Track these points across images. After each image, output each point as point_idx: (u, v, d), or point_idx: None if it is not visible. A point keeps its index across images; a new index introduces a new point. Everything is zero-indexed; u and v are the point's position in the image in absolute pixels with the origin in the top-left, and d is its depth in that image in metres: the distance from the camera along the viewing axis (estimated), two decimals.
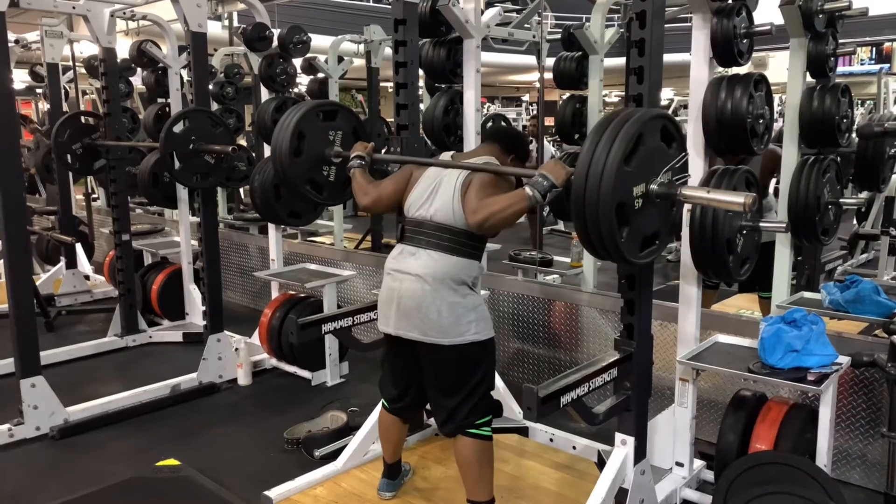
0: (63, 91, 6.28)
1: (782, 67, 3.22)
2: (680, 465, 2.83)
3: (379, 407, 2.81)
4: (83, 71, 6.58)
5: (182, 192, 4.95)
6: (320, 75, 6.55)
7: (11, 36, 5.63)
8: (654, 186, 1.96)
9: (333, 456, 3.07)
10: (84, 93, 8.96)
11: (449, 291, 2.37)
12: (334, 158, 2.88)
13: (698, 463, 2.91)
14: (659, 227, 2.07)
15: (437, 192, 2.46)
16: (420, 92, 4.62)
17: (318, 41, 5.60)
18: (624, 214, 1.90)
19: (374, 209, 2.69)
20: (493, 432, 2.52)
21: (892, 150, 3.54)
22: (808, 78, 3.18)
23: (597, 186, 1.83)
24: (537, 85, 5.73)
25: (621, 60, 2.36)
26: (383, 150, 3.21)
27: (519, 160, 2.66)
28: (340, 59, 6.30)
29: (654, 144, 2.00)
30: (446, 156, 2.66)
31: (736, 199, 1.88)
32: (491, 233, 2.42)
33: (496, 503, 2.51)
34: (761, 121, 2.58)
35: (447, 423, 2.49)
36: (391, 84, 3.17)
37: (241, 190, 7.38)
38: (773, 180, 4.08)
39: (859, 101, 11.27)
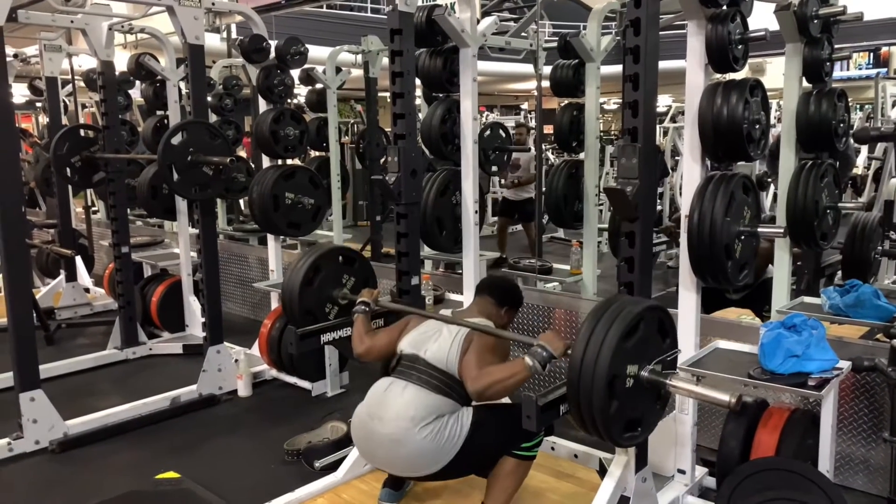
0: (62, 104, 6.30)
1: (780, 73, 3.23)
2: (682, 472, 2.82)
3: None
4: (82, 84, 6.59)
5: (181, 204, 4.95)
6: (318, 86, 6.56)
7: (10, 50, 5.67)
8: (644, 373, 2.03)
9: (334, 467, 3.06)
10: (83, 106, 8.99)
11: (427, 427, 2.37)
12: (341, 300, 3.07)
13: (700, 470, 2.89)
14: (642, 415, 2.11)
15: (436, 338, 2.55)
16: (418, 102, 4.63)
17: (316, 52, 5.61)
18: (615, 389, 1.96)
19: (365, 357, 2.79)
20: None
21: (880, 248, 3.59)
22: (806, 83, 3.19)
23: (595, 356, 1.93)
24: (535, 93, 5.75)
25: (618, 68, 2.37)
26: (385, 160, 3.22)
27: (512, 309, 2.83)
28: (338, 70, 6.31)
29: (651, 333, 2.09)
30: (447, 312, 2.83)
31: (722, 397, 1.93)
32: (489, 400, 2.46)
33: None
34: (757, 126, 2.58)
35: (488, 473, 2.52)
36: (389, 94, 3.18)
37: (241, 201, 7.39)
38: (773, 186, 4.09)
39: (857, 106, 11.30)
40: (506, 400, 2.68)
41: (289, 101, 4.68)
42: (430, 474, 2.47)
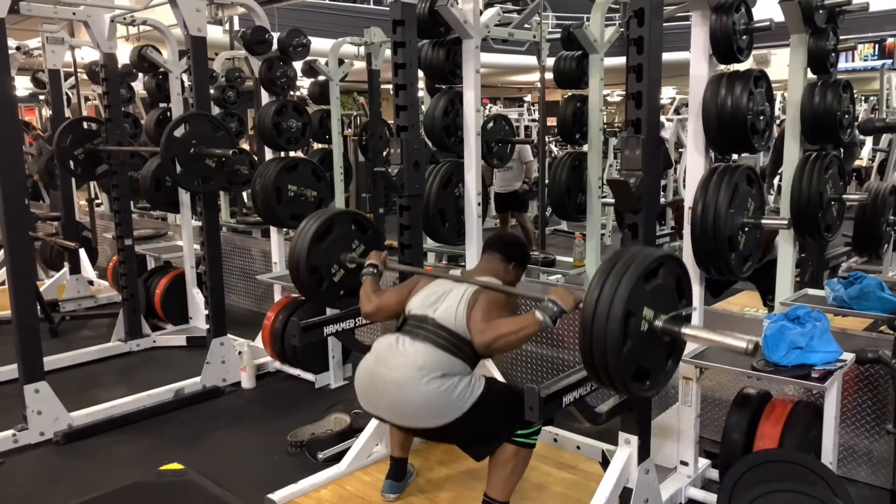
0: (65, 97, 6.30)
1: (784, 64, 3.21)
2: (684, 463, 2.82)
3: None
4: (85, 77, 6.59)
5: (184, 197, 4.95)
6: (321, 78, 6.54)
7: (13, 43, 5.66)
8: (659, 322, 1.97)
9: (337, 458, 3.06)
10: (86, 98, 8.99)
11: (435, 380, 2.33)
12: (349, 264, 3.04)
13: (703, 462, 2.90)
14: (651, 367, 2.06)
15: (444, 298, 2.51)
16: (420, 93, 4.62)
17: (319, 44, 5.60)
18: (629, 327, 1.89)
19: (374, 317, 2.76)
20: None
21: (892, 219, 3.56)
22: (811, 74, 3.17)
23: (615, 286, 1.86)
24: (538, 85, 5.73)
25: (622, 59, 2.35)
26: (388, 152, 3.22)
27: (520, 266, 2.77)
28: (341, 62, 6.29)
29: (669, 286, 2.03)
30: (456, 272, 2.79)
31: (738, 343, 1.91)
32: (497, 353, 2.45)
33: None
34: (762, 117, 2.57)
35: (484, 456, 2.51)
36: (392, 86, 3.17)
37: (244, 193, 7.40)
38: (777, 178, 4.07)
39: (862, 98, 11.23)
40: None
41: (291, 93, 4.67)
42: (427, 428, 2.42)
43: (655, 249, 2.03)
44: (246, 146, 7.24)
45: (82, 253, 6.09)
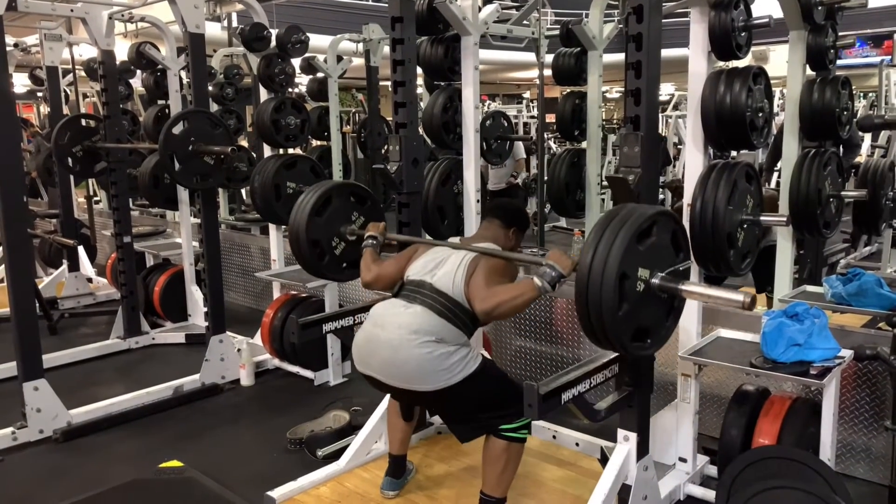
0: (63, 94, 6.29)
1: (783, 61, 3.21)
2: (683, 460, 2.83)
3: (387, 397, 2.82)
4: (83, 74, 6.58)
5: (183, 194, 4.95)
6: (319, 75, 6.54)
7: (10, 40, 5.65)
8: (656, 280, 1.97)
9: (336, 455, 3.07)
10: (84, 95, 8.98)
11: (430, 344, 2.33)
12: (349, 236, 3.01)
13: (701, 458, 2.90)
14: (652, 325, 2.05)
15: (442, 265, 2.50)
16: (419, 90, 4.61)
17: (317, 41, 5.59)
18: (625, 289, 1.89)
19: (374, 286, 2.76)
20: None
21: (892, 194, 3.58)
22: (809, 71, 3.17)
23: (607, 250, 1.86)
24: (537, 82, 5.72)
25: (620, 56, 2.35)
26: (387, 149, 3.21)
27: (520, 231, 2.77)
28: (339, 59, 6.30)
29: (665, 243, 2.03)
30: (455, 240, 2.79)
31: (736, 297, 1.91)
32: (496, 320, 2.44)
33: None
34: (761, 114, 2.57)
35: (469, 437, 2.52)
36: (390, 83, 3.16)
37: (242, 190, 7.39)
38: (776, 175, 4.08)
39: (861, 94, 11.22)
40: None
41: (290, 90, 4.66)
42: (416, 393, 2.39)
43: (648, 207, 2.01)
44: (244, 143, 7.23)
45: (81, 250, 6.09)
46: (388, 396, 2.83)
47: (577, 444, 3.15)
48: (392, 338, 2.37)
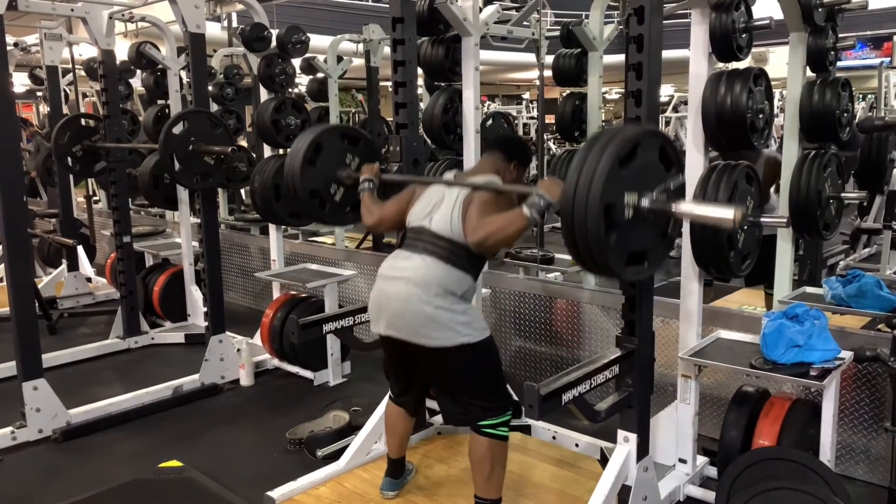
0: (63, 94, 6.29)
1: (783, 62, 3.21)
2: (683, 461, 2.83)
3: (385, 400, 2.83)
4: (83, 73, 6.58)
5: (182, 194, 4.95)
6: (319, 75, 6.54)
7: (11, 39, 5.65)
8: (645, 202, 1.91)
9: (336, 456, 3.07)
10: (84, 95, 8.97)
11: (437, 298, 2.36)
12: (346, 180, 2.94)
13: (701, 459, 2.90)
14: (648, 247, 2.01)
15: (439, 206, 2.51)
16: (419, 91, 4.61)
17: (317, 41, 5.59)
18: (612, 218, 1.84)
19: (377, 228, 2.80)
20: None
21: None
22: (809, 72, 3.17)
23: (588, 183, 1.79)
24: (537, 83, 5.72)
25: (621, 57, 2.35)
26: (387, 149, 3.21)
27: (521, 165, 2.72)
28: (340, 59, 6.29)
29: (652, 161, 1.97)
30: (449, 175, 2.75)
31: (725, 214, 1.87)
32: (490, 252, 2.48)
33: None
34: (761, 115, 2.58)
35: (454, 420, 2.54)
36: (390, 83, 3.16)
37: (242, 191, 7.38)
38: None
39: (860, 96, 11.24)
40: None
41: (290, 90, 4.66)
42: (420, 347, 2.40)
43: (630, 128, 1.94)
44: (244, 143, 7.23)
45: (80, 250, 6.09)
46: (386, 398, 2.82)
47: (576, 445, 3.15)
48: (400, 291, 2.41)
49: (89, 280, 6.18)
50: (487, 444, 2.43)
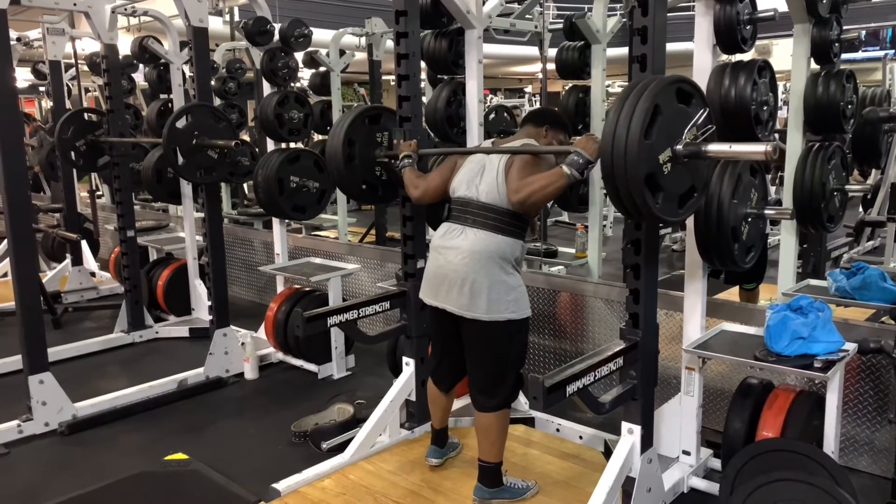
0: (66, 88, 6.29)
1: (787, 54, 3.20)
2: (687, 453, 2.83)
3: (391, 392, 2.95)
4: (85, 68, 6.59)
5: (186, 188, 4.95)
6: (322, 69, 6.54)
7: (13, 34, 5.64)
8: (679, 147, 2.00)
9: (341, 448, 3.08)
10: (87, 90, 8.96)
11: (494, 268, 2.49)
12: (384, 159, 3.06)
13: (705, 451, 2.91)
14: (693, 182, 2.12)
15: (482, 175, 2.60)
16: (422, 84, 4.61)
17: (320, 35, 5.59)
18: (655, 183, 1.96)
19: (423, 200, 2.86)
20: None
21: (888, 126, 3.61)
22: (814, 64, 3.16)
23: (623, 165, 1.91)
24: (540, 76, 5.71)
25: (624, 50, 2.35)
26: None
27: (554, 129, 2.77)
28: (342, 53, 6.29)
29: (673, 109, 2.02)
30: (487, 143, 2.88)
31: (757, 148, 1.95)
32: (533, 210, 2.58)
33: None
34: (765, 107, 2.57)
35: (482, 399, 2.61)
36: (393, 77, 3.16)
37: (245, 185, 7.40)
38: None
39: (864, 88, 11.18)
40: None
41: (292, 84, 4.66)
42: (467, 319, 2.52)
43: (644, 92, 1.95)
44: (246, 137, 7.23)
45: (84, 244, 6.10)
46: (393, 389, 2.84)
47: (580, 437, 3.16)
48: (454, 260, 2.53)
49: (93, 274, 6.19)
50: (494, 415, 2.58)
